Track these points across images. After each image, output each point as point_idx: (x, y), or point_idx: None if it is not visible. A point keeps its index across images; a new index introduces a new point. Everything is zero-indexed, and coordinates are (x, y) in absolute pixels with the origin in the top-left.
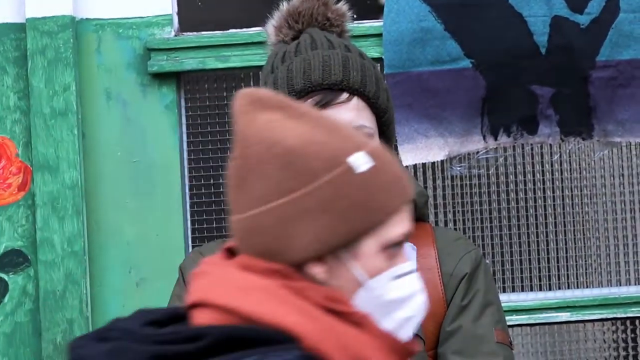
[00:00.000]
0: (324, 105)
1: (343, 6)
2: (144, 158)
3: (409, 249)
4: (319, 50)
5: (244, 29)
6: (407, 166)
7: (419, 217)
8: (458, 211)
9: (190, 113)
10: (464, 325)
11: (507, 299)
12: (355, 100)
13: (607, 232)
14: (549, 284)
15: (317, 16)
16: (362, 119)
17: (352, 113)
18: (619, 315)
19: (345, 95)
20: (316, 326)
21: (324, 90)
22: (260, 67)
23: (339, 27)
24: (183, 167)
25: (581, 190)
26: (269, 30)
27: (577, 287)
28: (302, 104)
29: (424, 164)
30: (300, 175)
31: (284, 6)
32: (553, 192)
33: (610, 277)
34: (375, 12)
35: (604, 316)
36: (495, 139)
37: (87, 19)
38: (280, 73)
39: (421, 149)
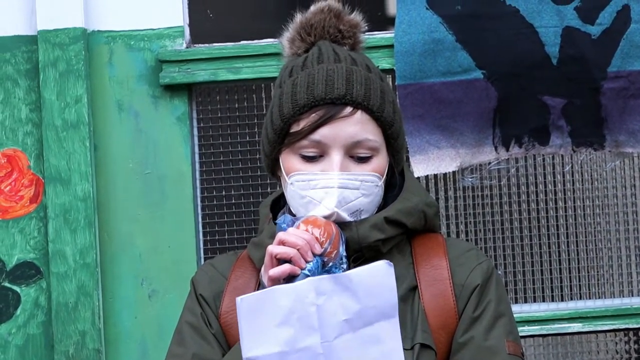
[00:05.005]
0: (327, 119)
1: (356, 16)
2: (156, 170)
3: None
4: (324, 64)
5: (256, 41)
6: (418, 177)
7: (430, 228)
8: (470, 222)
9: (201, 125)
10: (475, 336)
11: (520, 310)
12: (359, 114)
13: (619, 243)
14: (561, 295)
15: (329, 28)
16: (367, 133)
17: (356, 127)
18: (631, 326)
19: (348, 109)
20: None
21: (327, 104)
22: (271, 79)
23: (351, 38)
24: (195, 179)
25: (593, 201)
26: (284, 42)
27: (589, 298)
28: None
29: (435, 175)
30: None
31: (297, 18)
32: (565, 203)
33: (623, 287)
34: (387, 23)
35: (616, 327)
36: (507, 150)
37: (98, 31)
38: (286, 88)
39: (433, 160)
